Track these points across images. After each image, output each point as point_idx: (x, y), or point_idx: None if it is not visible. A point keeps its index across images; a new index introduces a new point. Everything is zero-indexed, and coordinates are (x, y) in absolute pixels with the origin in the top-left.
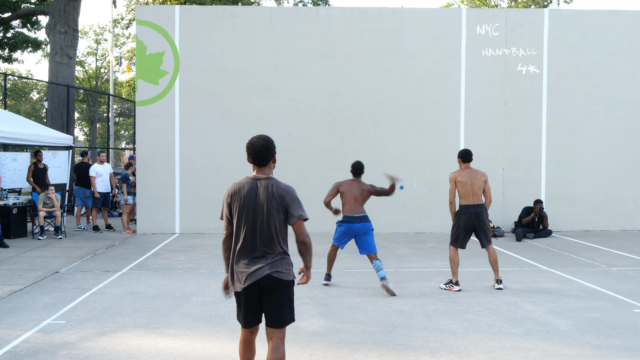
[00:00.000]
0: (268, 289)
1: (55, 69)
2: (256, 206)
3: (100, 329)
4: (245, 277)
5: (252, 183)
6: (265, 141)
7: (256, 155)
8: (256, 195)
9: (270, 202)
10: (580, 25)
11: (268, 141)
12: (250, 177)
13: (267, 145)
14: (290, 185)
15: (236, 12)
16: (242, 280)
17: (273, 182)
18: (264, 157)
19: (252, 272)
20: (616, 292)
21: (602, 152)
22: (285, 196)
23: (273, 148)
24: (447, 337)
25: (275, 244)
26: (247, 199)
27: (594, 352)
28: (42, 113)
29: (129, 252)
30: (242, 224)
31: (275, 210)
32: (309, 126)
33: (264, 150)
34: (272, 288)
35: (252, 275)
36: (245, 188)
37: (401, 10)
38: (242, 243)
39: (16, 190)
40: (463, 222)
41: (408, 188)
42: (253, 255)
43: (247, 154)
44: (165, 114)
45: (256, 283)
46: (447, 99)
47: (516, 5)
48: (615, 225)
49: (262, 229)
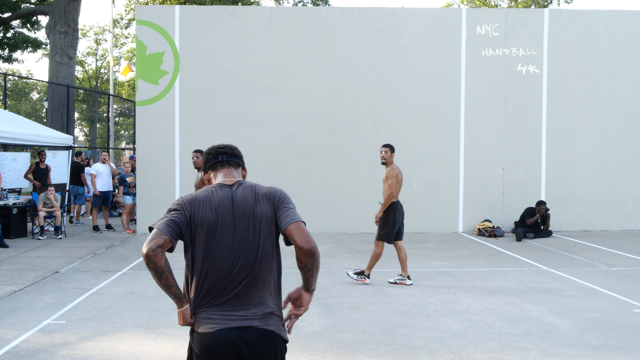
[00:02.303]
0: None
1: (55, 69)
2: (234, 221)
3: (100, 329)
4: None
5: (222, 189)
6: (235, 147)
7: (224, 152)
8: (232, 205)
9: (257, 211)
10: (580, 25)
11: (237, 149)
12: (213, 185)
13: (237, 149)
14: None
15: (236, 12)
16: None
17: (250, 183)
18: (234, 154)
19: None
20: (616, 292)
21: (602, 152)
22: (275, 195)
23: (241, 154)
24: (447, 337)
25: (267, 288)
26: (223, 211)
27: (594, 352)
28: (42, 113)
29: (129, 252)
30: (210, 252)
31: (265, 221)
32: (309, 126)
33: (233, 148)
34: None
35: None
36: (216, 196)
37: (401, 10)
38: (210, 283)
39: (16, 190)
40: (398, 219)
41: (408, 188)
42: (228, 302)
43: (206, 158)
44: (165, 114)
45: (236, 337)
46: (447, 99)
47: (516, 5)
48: (615, 225)
49: (244, 256)
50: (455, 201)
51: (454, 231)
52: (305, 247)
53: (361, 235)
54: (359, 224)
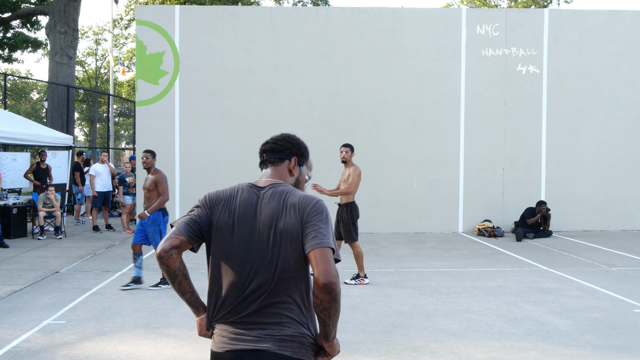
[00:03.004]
0: None
1: (55, 69)
2: (253, 230)
3: (100, 329)
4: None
5: (250, 191)
6: (286, 135)
7: (265, 149)
8: (255, 211)
9: (280, 222)
10: (580, 25)
11: (290, 136)
12: (244, 184)
13: (287, 138)
14: (324, 202)
15: (236, 12)
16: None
17: (284, 188)
18: (275, 149)
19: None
20: (616, 292)
21: (602, 152)
22: (307, 207)
23: (297, 145)
24: (447, 337)
25: (289, 308)
26: (241, 215)
27: (594, 352)
28: (42, 113)
29: (129, 252)
30: (224, 260)
31: (290, 237)
32: (309, 126)
33: (275, 141)
34: None
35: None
36: (239, 197)
37: (401, 10)
38: (224, 296)
39: (16, 190)
40: (357, 217)
41: (408, 188)
42: (242, 320)
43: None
44: (165, 114)
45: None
46: (447, 99)
47: (516, 5)
48: (615, 225)
49: (261, 271)
50: (455, 201)
51: (454, 231)
52: (321, 280)
53: (361, 235)
54: (359, 224)
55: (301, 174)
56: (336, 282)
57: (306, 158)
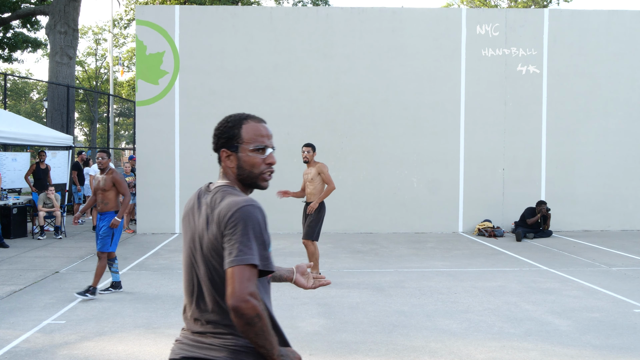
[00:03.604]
0: None
1: (55, 69)
2: (190, 241)
3: (100, 329)
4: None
5: (196, 197)
6: (222, 120)
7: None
8: (193, 220)
9: (204, 233)
10: (580, 25)
11: (216, 126)
12: (204, 185)
13: (218, 126)
14: (253, 202)
15: (236, 12)
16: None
17: (221, 193)
18: (214, 141)
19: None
20: (616, 292)
21: (602, 152)
22: (224, 217)
23: (218, 133)
24: (447, 337)
25: (213, 306)
26: (185, 224)
27: (594, 352)
28: (42, 113)
29: (129, 252)
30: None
31: (216, 252)
32: (309, 126)
33: (214, 131)
34: None
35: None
36: (188, 203)
37: (401, 10)
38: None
39: (16, 190)
40: (324, 216)
41: (408, 188)
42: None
43: None
44: (165, 114)
45: None
46: (447, 99)
47: (516, 5)
48: (615, 225)
49: (199, 276)
50: (455, 201)
51: (454, 231)
52: (228, 303)
53: (361, 235)
54: (359, 224)
55: (243, 158)
56: (244, 305)
57: (236, 138)
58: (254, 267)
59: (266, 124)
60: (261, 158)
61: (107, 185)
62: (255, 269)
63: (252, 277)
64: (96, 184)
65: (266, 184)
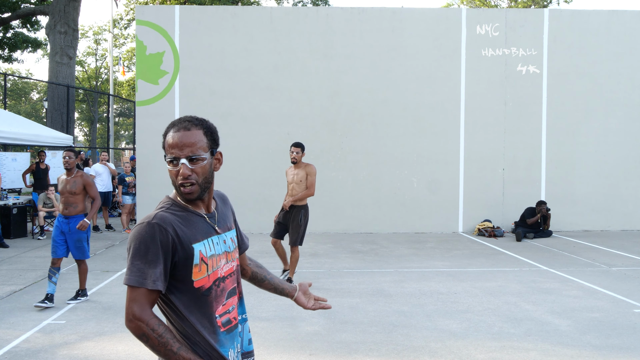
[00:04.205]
0: None
1: (55, 69)
2: None
3: (100, 329)
4: None
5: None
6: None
7: None
8: None
9: None
10: (580, 25)
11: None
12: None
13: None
14: (149, 219)
15: (236, 12)
16: None
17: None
18: None
19: None
20: (616, 292)
21: (602, 152)
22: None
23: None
24: (447, 337)
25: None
26: None
27: (594, 352)
28: (42, 113)
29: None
30: None
31: None
32: (309, 126)
33: None
34: None
35: None
36: None
37: (401, 10)
38: None
39: (16, 190)
40: (308, 221)
41: (408, 188)
42: None
43: None
44: (165, 114)
45: None
46: (447, 99)
47: (516, 5)
48: (615, 225)
49: None
50: (455, 201)
51: (454, 231)
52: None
53: (361, 235)
54: (359, 224)
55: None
56: (128, 325)
57: (164, 148)
58: (138, 287)
59: (187, 131)
60: (173, 170)
61: (77, 188)
62: (141, 289)
63: (137, 297)
64: (62, 186)
65: (189, 196)
